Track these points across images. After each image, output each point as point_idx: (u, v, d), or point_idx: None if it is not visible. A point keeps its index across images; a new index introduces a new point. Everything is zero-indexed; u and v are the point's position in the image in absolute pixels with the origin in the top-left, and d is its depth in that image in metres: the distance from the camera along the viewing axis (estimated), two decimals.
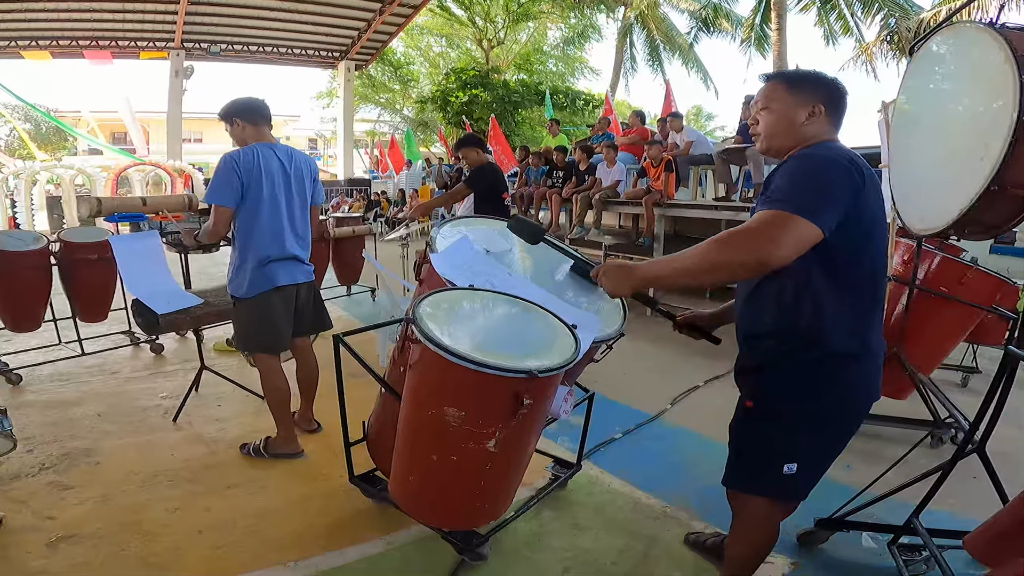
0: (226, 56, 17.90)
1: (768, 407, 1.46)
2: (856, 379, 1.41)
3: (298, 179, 2.55)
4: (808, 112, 1.38)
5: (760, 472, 1.49)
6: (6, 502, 2.25)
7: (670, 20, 19.46)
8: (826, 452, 1.50)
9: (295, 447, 2.64)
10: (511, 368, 1.39)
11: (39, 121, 24.95)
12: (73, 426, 2.99)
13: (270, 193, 2.42)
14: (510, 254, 2.09)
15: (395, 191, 14.73)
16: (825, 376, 1.38)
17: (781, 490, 1.49)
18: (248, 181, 2.36)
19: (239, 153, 2.38)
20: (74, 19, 14.91)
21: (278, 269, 2.50)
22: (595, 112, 19.33)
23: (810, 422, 1.42)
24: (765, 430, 1.47)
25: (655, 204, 5.84)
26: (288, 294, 2.57)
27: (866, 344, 1.40)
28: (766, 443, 1.47)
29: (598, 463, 2.67)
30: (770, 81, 1.47)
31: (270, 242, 2.46)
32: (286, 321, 2.60)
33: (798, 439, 1.43)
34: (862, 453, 2.70)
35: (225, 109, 2.48)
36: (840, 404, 1.42)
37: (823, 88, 1.41)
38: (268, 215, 2.43)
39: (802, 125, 1.39)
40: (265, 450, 2.62)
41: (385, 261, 4.53)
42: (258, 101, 2.51)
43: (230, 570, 1.92)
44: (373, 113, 26.21)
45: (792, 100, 1.41)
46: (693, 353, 4.27)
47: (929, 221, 2.29)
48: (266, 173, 2.40)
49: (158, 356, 4.22)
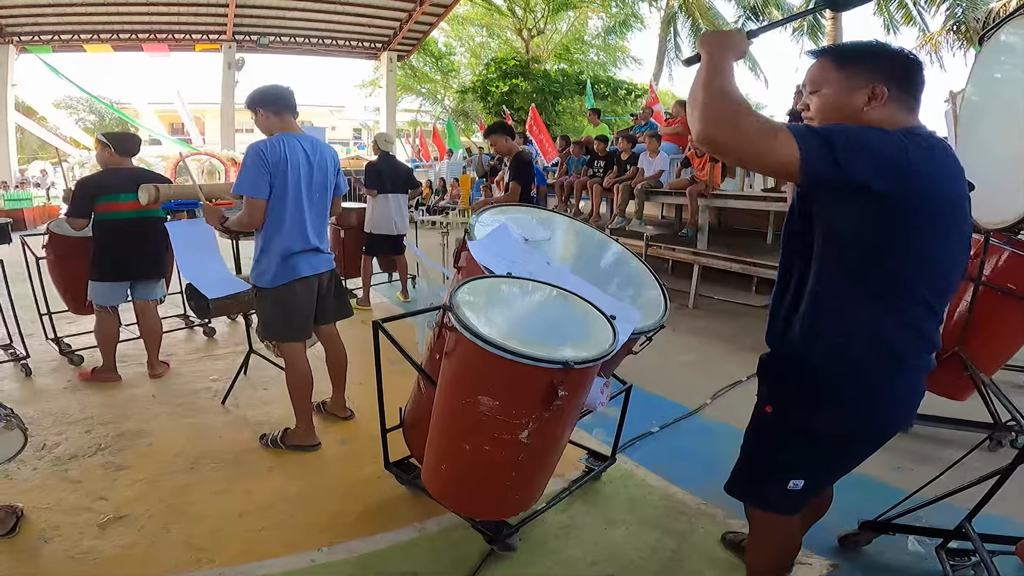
0: (274, 48, 18.43)
1: (786, 417, 1.32)
2: (889, 396, 1.25)
3: (321, 170, 2.52)
4: (867, 95, 1.15)
5: (763, 484, 1.40)
6: (62, 482, 2.37)
7: (716, 8, 18.91)
8: (839, 470, 1.40)
9: (312, 439, 2.65)
10: (547, 358, 1.37)
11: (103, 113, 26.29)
12: (129, 407, 3.14)
13: (294, 184, 2.39)
14: (549, 243, 2.08)
15: (436, 180, 14.87)
16: (853, 391, 1.23)
17: (780, 505, 1.39)
18: (275, 172, 2.34)
19: (266, 143, 2.36)
20: (133, 13, 15.64)
21: (301, 260, 2.48)
22: (637, 101, 18.96)
23: (830, 440, 1.28)
24: (780, 441, 1.34)
25: (699, 195, 5.69)
26: (310, 283, 2.56)
27: (902, 356, 1.21)
28: (778, 455, 1.35)
29: (633, 457, 2.63)
30: (818, 58, 1.24)
31: (294, 233, 2.44)
32: (309, 310, 2.60)
33: (813, 456, 1.32)
34: (915, 455, 2.59)
35: (250, 98, 2.47)
36: (866, 423, 1.27)
37: (883, 62, 1.16)
38: (292, 206, 2.41)
39: (862, 113, 1.16)
40: (283, 441, 2.65)
41: (425, 249, 4.59)
42: (283, 89, 2.47)
43: (267, 553, 1.97)
44: (415, 103, 26.49)
45: (844, 82, 1.17)
46: (736, 348, 4.17)
47: (999, 214, 2.18)
48: (291, 164, 2.37)
49: (210, 339, 4.40)
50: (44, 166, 22.20)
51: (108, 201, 3.24)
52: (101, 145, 3.35)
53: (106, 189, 3.24)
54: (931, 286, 1.19)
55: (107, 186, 3.24)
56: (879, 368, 1.21)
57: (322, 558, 1.95)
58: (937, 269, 1.18)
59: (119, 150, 3.34)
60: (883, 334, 1.18)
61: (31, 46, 16.18)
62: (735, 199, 5.85)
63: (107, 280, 3.34)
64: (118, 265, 3.34)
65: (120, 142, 3.39)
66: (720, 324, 4.82)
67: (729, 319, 4.97)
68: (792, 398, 1.31)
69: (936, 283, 1.20)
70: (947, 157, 1.15)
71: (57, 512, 2.16)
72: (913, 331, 1.20)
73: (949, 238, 1.17)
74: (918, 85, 1.18)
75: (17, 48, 16.15)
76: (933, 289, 1.19)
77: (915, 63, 1.19)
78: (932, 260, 1.16)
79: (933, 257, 1.16)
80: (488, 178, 10.69)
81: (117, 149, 3.33)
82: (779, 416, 1.34)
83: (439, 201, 13.22)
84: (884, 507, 1.97)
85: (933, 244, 1.14)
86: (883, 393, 1.24)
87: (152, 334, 3.62)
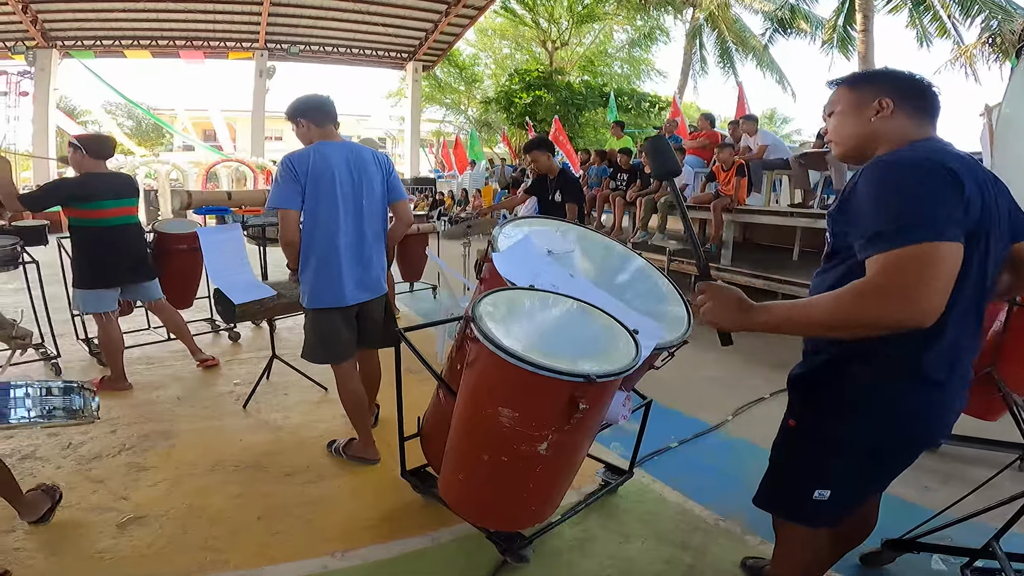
0: (304, 56, 18.86)
1: (810, 427, 1.36)
2: (919, 411, 1.25)
3: (365, 178, 2.40)
4: (875, 107, 1.25)
5: (787, 494, 1.42)
6: (85, 481, 2.41)
7: (742, 21, 18.78)
8: (869, 483, 1.38)
9: (373, 454, 2.60)
10: (568, 371, 1.36)
11: (140, 118, 27.11)
12: (154, 408, 3.19)
13: (328, 194, 2.30)
14: (572, 256, 2.07)
15: (459, 190, 14.99)
16: (880, 404, 1.24)
17: (805, 516, 1.40)
18: (305, 183, 2.27)
19: (295, 155, 2.31)
20: (171, 20, 16.18)
21: (339, 283, 2.38)
22: (661, 114, 18.91)
23: (854, 451, 1.29)
24: (802, 451, 1.38)
25: (724, 209, 5.63)
26: (350, 310, 2.47)
27: (929, 371, 1.20)
28: (800, 465, 1.38)
29: (650, 471, 2.60)
30: (836, 87, 1.38)
31: (327, 246, 2.35)
32: (349, 334, 2.50)
33: (836, 466, 1.32)
34: (941, 474, 2.53)
35: (291, 109, 2.40)
36: (893, 438, 1.27)
37: (887, 80, 1.27)
38: (325, 218, 2.32)
39: (870, 122, 1.26)
40: (344, 451, 2.64)
41: (447, 260, 4.61)
42: (324, 99, 2.41)
43: (281, 557, 1.99)
44: (439, 114, 26.81)
45: (854, 98, 1.30)
46: (759, 364, 4.09)
47: None
48: (324, 173, 2.29)
49: (235, 344, 4.47)
50: None
51: (90, 208, 3.18)
52: (73, 149, 3.24)
53: (86, 196, 3.17)
54: (963, 303, 1.16)
55: (88, 194, 3.17)
56: (905, 382, 1.22)
57: (335, 564, 1.96)
58: (968, 286, 1.15)
59: (93, 153, 3.24)
60: (911, 350, 1.18)
61: (74, 51, 16.77)
62: (761, 214, 5.77)
63: (94, 287, 3.29)
64: (103, 272, 3.29)
65: (94, 145, 3.29)
66: (742, 340, 4.65)
67: (752, 336, 4.84)
68: (817, 408, 1.34)
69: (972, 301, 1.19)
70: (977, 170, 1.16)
71: (79, 511, 2.21)
72: (943, 347, 1.19)
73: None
74: (926, 100, 1.25)
75: (60, 53, 16.73)
76: (966, 306, 1.17)
77: (922, 81, 1.27)
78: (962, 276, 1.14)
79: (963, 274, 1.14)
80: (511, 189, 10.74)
81: (91, 152, 3.22)
82: (803, 427, 1.36)
83: (461, 212, 13.31)
84: (909, 526, 1.93)
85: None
86: (909, 407, 1.24)
87: (178, 328, 3.68)
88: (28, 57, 16.30)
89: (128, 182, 3.43)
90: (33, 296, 3.75)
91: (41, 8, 14.91)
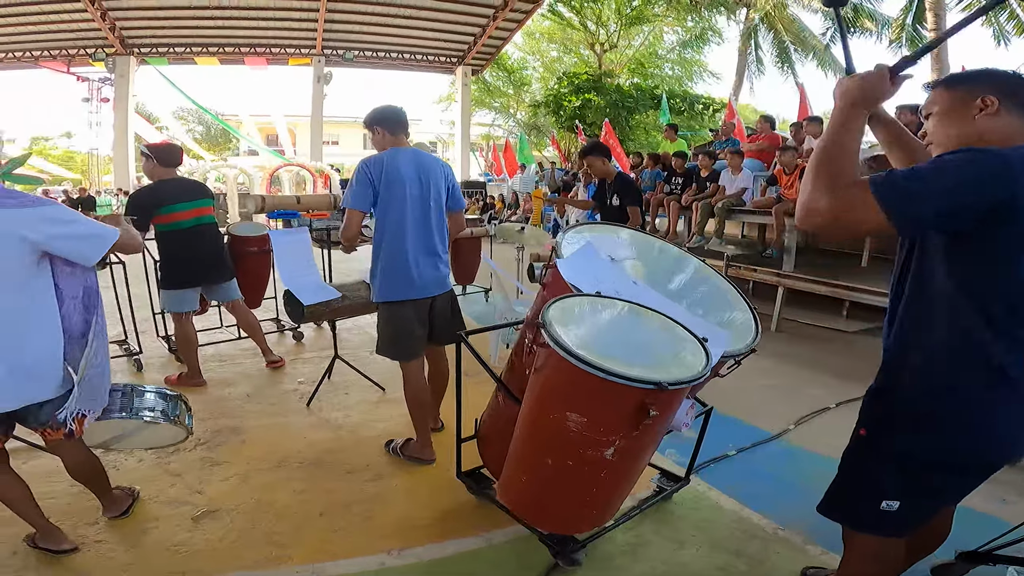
0: (358, 62, 19.49)
1: (881, 438, 1.31)
2: (993, 423, 1.19)
3: (435, 184, 2.53)
4: (977, 106, 1.18)
5: (854, 504, 1.38)
6: (164, 475, 2.54)
7: (801, 21, 18.14)
8: (941, 496, 1.33)
9: (429, 454, 2.65)
10: (641, 378, 1.38)
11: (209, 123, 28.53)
12: (226, 404, 3.34)
13: (398, 198, 2.43)
14: (634, 262, 2.06)
15: (509, 194, 15.05)
16: (955, 413, 1.20)
17: (873, 525, 1.36)
18: (378, 186, 2.42)
19: (370, 159, 2.47)
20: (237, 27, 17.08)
21: (408, 278, 2.49)
22: (715, 116, 18.42)
23: (927, 465, 1.25)
24: (872, 461, 1.33)
25: (787, 214, 5.43)
26: (421, 305, 2.57)
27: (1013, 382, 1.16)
28: (869, 475, 1.34)
29: (707, 479, 2.56)
30: (932, 89, 1.31)
31: (396, 246, 2.47)
32: (420, 331, 2.59)
33: (906, 478, 1.28)
34: (1020, 487, 2.40)
35: (368, 117, 2.59)
36: (966, 450, 1.23)
37: (988, 79, 1.21)
38: (396, 219, 2.45)
39: (973, 120, 1.19)
40: (402, 451, 2.70)
41: (499, 263, 4.64)
42: (397, 109, 2.58)
43: (341, 553, 2.04)
44: (488, 117, 26.99)
45: (954, 98, 1.23)
46: (823, 373, 3.95)
47: None
48: (395, 176, 2.43)
49: (298, 343, 4.64)
50: None
51: (167, 212, 3.36)
52: (145, 158, 3.44)
53: (163, 201, 3.34)
54: None
55: (164, 199, 3.34)
56: (983, 394, 1.18)
57: (392, 561, 2.00)
58: None
59: (163, 162, 3.42)
60: (991, 359, 1.15)
61: (150, 58, 17.84)
62: None
63: (177, 288, 3.46)
64: (185, 272, 3.46)
65: (163, 154, 3.47)
66: (805, 349, 4.57)
67: (815, 344, 4.71)
68: (890, 419, 1.30)
69: None
70: None
71: (157, 503, 2.32)
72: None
73: None
74: None
75: (138, 60, 17.84)
76: None
77: None
78: None
79: None
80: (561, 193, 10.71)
81: (161, 161, 3.41)
82: (875, 436, 1.33)
83: (511, 216, 13.37)
84: (985, 538, 1.84)
85: None
86: (987, 420, 1.20)
87: (251, 328, 3.83)
88: (108, 64, 17.43)
89: (199, 185, 3.61)
90: (119, 295, 3.99)
91: (118, 16, 15.97)
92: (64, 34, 16.41)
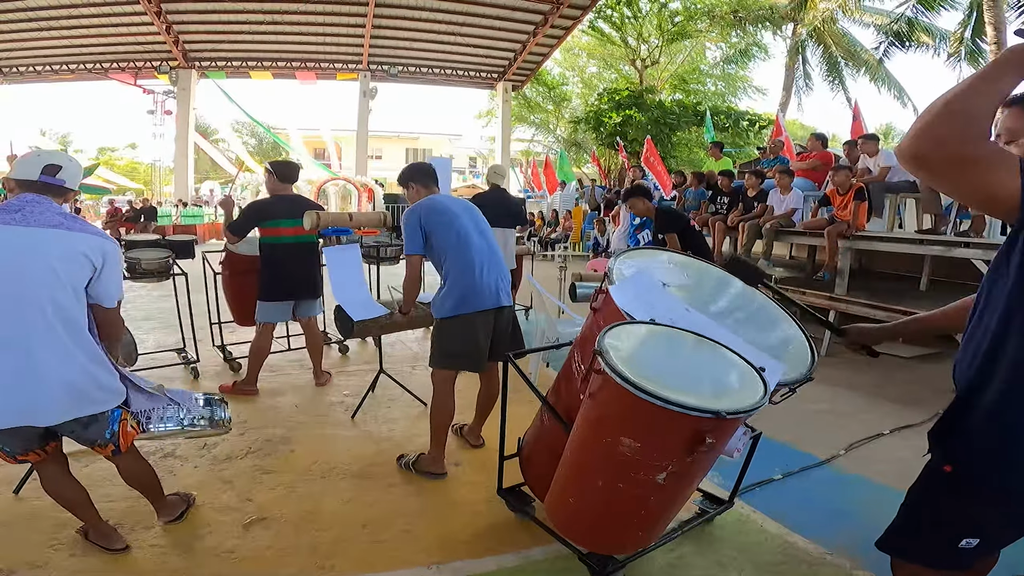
0: (402, 77, 19.92)
1: (973, 475, 1.20)
2: None
3: (473, 215, 2.80)
4: None
5: (929, 542, 1.28)
6: (217, 481, 2.61)
7: (852, 35, 17.66)
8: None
9: (440, 468, 2.71)
10: (699, 407, 1.38)
11: (262, 136, 29.64)
12: (276, 414, 3.43)
13: (449, 221, 2.66)
14: (688, 288, 2.03)
15: (548, 211, 15.06)
16: None
17: (949, 563, 1.28)
18: (429, 228, 2.64)
19: (417, 205, 2.71)
20: (289, 42, 17.75)
21: (483, 287, 2.64)
22: (761, 133, 18.06)
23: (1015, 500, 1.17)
24: (961, 499, 1.23)
25: (840, 236, 5.25)
26: (488, 317, 2.68)
27: None
28: (952, 513, 1.24)
29: (751, 502, 2.50)
30: (1011, 108, 1.19)
31: (463, 255, 2.64)
32: (485, 342, 2.69)
33: (994, 516, 1.20)
34: None
35: (402, 175, 2.90)
36: None
37: None
38: (456, 236, 2.65)
39: None
40: (414, 466, 2.75)
41: (541, 282, 4.64)
42: (427, 166, 2.95)
43: (381, 566, 2.05)
44: (528, 133, 27.17)
45: None
46: (876, 399, 3.81)
47: None
48: (438, 208, 2.68)
49: (343, 356, 4.73)
50: (213, 186, 25.18)
51: (272, 226, 3.57)
52: (268, 173, 3.71)
53: (269, 215, 3.56)
54: None
55: (270, 212, 3.57)
56: None
57: (432, 575, 2.01)
58: None
59: (282, 177, 3.67)
60: None
61: (209, 71, 18.69)
62: (882, 241, 5.32)
63: (274, 300, 3.65)
64: (284, 286, 3.64)
65: (283, 170, 3.72)
66: (857, 374, 4.40)
67: (868, 369, 4.52)
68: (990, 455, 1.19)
69: None
70: None
71: (211, 510, 2.37)
72: None
73: None
74: None
75: (199, 73, 18.69)
76: None
77: None
78: None
79: None
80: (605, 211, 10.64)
81: (280, 177, 3.66)
82: (963, 474, 1.22)
83: (551, 233, 13.38)
84: None
85: None
86: None
87: (315, 347, 3.94)
88: (172, 77, 18.34)
89: (304, 202, 3.76)
90: (180, 305, 4.17)
91: (181, 29, 16.78)
92: (131, 46, 17.21)
